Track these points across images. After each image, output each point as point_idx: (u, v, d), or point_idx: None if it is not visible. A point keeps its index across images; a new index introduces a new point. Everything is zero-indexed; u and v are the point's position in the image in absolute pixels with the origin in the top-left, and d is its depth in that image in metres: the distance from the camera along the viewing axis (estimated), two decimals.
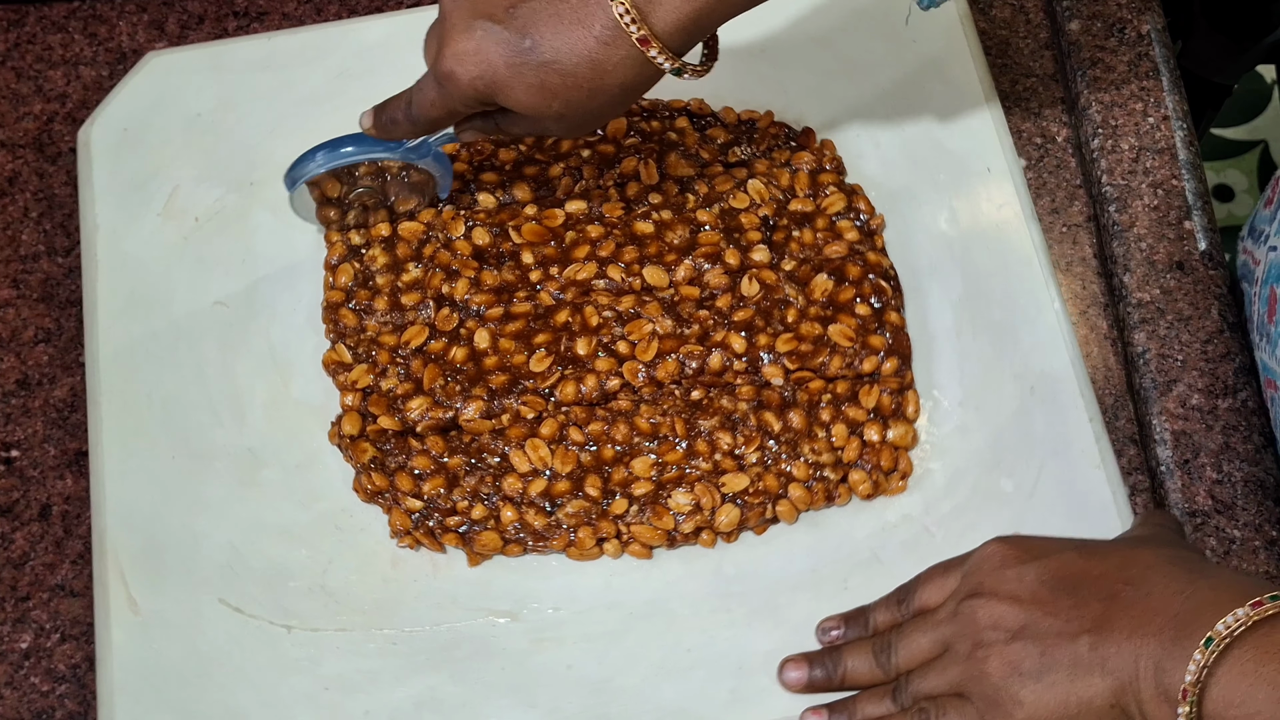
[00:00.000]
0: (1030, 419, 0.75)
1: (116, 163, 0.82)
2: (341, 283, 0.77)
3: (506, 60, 0.63)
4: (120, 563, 0.72)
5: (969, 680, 0.61)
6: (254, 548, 0.73)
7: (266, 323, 0.78)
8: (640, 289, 0.76)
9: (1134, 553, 0.61)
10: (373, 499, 0.73)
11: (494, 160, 0.80)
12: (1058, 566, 0.61)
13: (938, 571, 0.67)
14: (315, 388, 0.77)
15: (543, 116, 0.66)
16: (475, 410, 0.73)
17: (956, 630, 0.62)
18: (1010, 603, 0.61)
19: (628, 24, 0.62)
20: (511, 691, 0.70)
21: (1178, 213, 0.78)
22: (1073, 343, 0.76)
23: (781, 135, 0.81)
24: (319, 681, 0.70)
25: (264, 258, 0.80)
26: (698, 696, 0.69)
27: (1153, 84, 0.82)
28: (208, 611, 0.72)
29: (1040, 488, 0.73)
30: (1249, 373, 0.75)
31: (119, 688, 0.70)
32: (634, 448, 0.72)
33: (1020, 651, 0.59)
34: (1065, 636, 0.59)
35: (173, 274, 0.80)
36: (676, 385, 0.74)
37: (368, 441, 0.73)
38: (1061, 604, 0.60)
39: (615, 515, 0.71)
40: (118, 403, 0.76)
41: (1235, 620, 0.54)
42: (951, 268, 0.79)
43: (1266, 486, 0.73)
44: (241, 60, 0.85)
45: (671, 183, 0.79)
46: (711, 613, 0.71)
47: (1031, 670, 0.59)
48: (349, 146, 0.73)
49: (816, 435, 0.73)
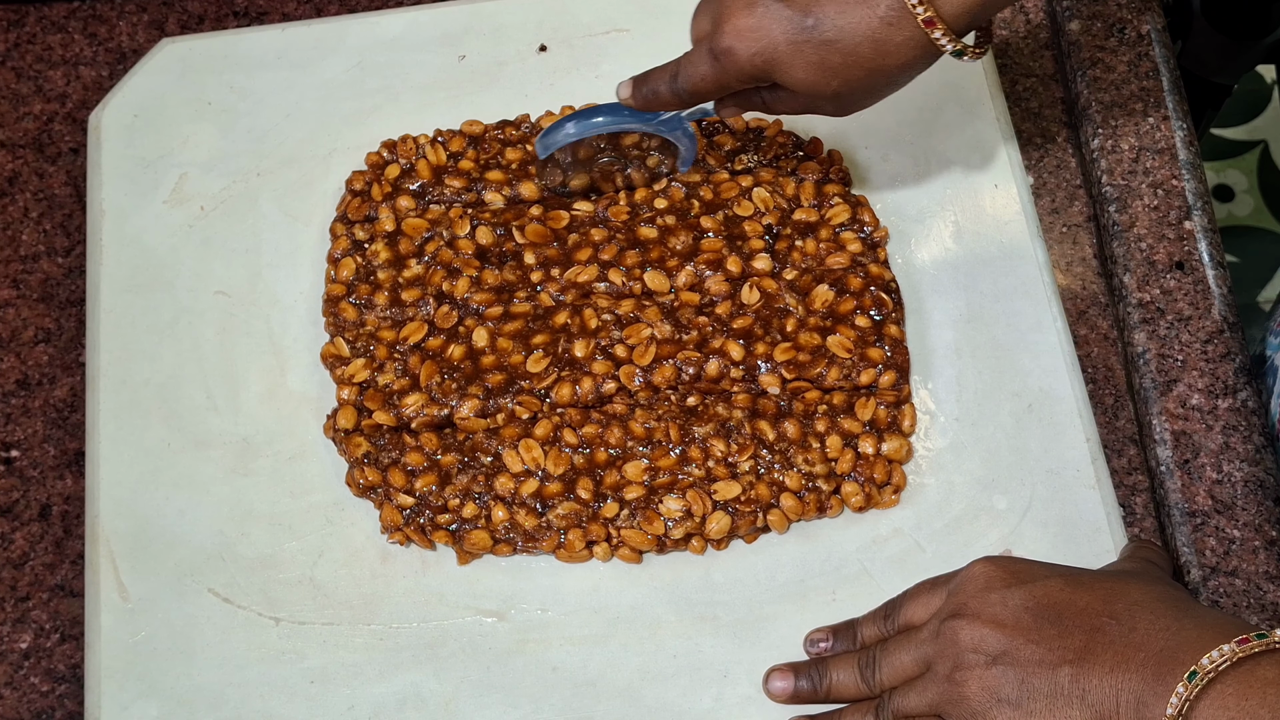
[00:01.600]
0: (1026, 438, 0.74)
1: (126, 147, 0.83)
2: (343, 276, 0.77)
3: (788, 38, 0.64)
4: (111, 548, 0.73)
5: (947, 702, 0.61)
6: (245, 537, 0.73)
7: (267, 313, 0.79)
8: (640, 293, 0.76)
9: (1121, 586, 0.61)
10: (365, 493, 0.73)
11: (501, 159, 0.80)
12: (1043, 594, 0.61)
13: (924, 588, 0.67)
14: (312, 380, 0.77)
15: (819, 95, 0.66)
16: (470, 409, 0.73)
17: (938, 650, 0.62)
18: (993, 626, 0.60)
19: (914, 4, 0.62)
20: (495, 690, 0.70)
21: (1178, 213, 0.78)
22: (1073, 363, 0.76)
23: (789, 144, 0.80)
24: (304, 674, 0.70)
25: (267, 248, 0.80)
26: (681, 702, 0.69)
27: (1153, 84, 0.81)
28: (196, 600, 0.72)
29: (1034, 507, 0.73)
30: (1249, 373, 0.74)
31: (107, 673, 0.70)
32: (627, 452, 0.72)
33: (1000, 677, 0.59)
34: (1046, 665, 0.58)
35: (176, 261, 0.80)
36: (673, 391, 0.74)
37: (362, 436, 0.74)
38: (1045, 633, 0.59)
39: (606, 518, 0.71)
40: (116, 386, 0.77)
41: (1220, 655, 0.54)
42: (954, 283, 0.78)
43: (1266, 486, 0.72)
44: (255, 50, 0.85)
45: (677, 188, 0.79)
46: (698, 620, 0.71)
47: (1010, 697, 0.59)
48: (601, 116, 0.74)
49: (811, 445, 0.72)
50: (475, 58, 0.85)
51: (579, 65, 0.85)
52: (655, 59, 0.84)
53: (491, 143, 0.81)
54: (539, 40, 0.85)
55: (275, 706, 0.70)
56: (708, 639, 0.71)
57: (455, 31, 0.86)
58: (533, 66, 0.85)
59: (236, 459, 0.75)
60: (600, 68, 0.85)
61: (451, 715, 0.69)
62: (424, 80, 0.84)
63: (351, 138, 0.83)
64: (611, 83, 0.83)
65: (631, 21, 0.86)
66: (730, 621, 0.71)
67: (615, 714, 0.69)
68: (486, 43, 0.85)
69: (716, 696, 0.69)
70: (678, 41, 0.84)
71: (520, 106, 0.83)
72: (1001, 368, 0.76)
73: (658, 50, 0.84)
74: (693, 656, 0.70)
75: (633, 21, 0.86)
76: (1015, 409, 0.75)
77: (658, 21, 0.85)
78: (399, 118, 0.83)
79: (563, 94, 0.84)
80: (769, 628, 0.71)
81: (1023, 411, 0.75)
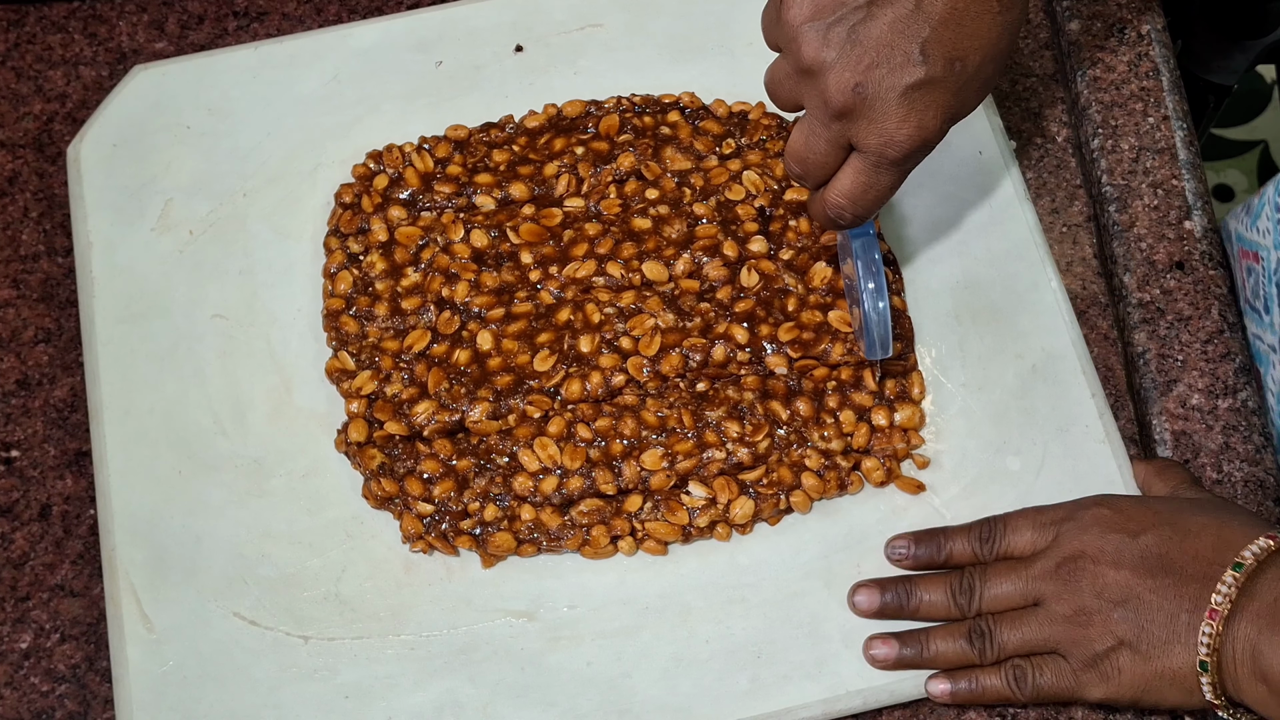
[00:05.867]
0: (1033, 397, 0.75)
1: (107, 178, 0.82)
2: (341, 290, 0.77)
3: None
4: (131, 579, 0.72)
5: (1068, 641, 0.64)
6: (265, 558, 0.73)
7: (266, 332, 0.78)
8: (640, 284, 0.76)
9: (1224, 534, 0.64)
10: (383, 505, 0.73)
11: (488, 161, 0.80)
12: (1157, 543, 0.64)
13: (1029, 519, 0.69)
14: (319, 395, 0.76)
15: None
16: (481, 412, 0.73)
17: (1056, 589, 0.65)
18: (1115, 571, 0.64)
19: None
20: (530, 691, 0.70)
21: (1178, 213, 0.79)
22: (1072, 320, 0.77)
23: (774, 126, 0.81)
24: (338, 690, 0.70)
25: (261, 267, 0.80)
26: (716, 687, 0.69)
27: (1153, 84, 0.82)
28: (222, 625, 0.71)
29: (1046, 466, 0.74)
30: (1249, 373, 0.75)
31: (138, 706, 0.70)
32: (643, 441, 0.72)
33: (1123, 621, 0.63)
34: (1165, 612, 0.62)
35: (170, 287, 0.79)
36: (681, 378, 0.74)
37: (375, 448, 0.73)
38: (1163, 581, 0.63)
39: (629, 513, 0.71)
40: (120, 417, 0.76)
41: None
42: (948, 251, 0.79)
43: (1266, 486, 0.73)
44: (230, 71, 0.85)
45: (668, 177, 0.79)
46: (726, 604, 0.71)
47: (1131, 640, 0.63)
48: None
49: (825, 422, 0.73)
50: (452, 63, 0.85)
51: (556, 63, 0.85)
52: (632, 52, 0.84)
53: (477, 146, 0.81)
54: (514, 41, 0.85)
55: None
56: (738, 621, 0.71)
57: (430, 38, 0.85)
58: (510, 67, 0.85)
59: (249, 481, 0.74)
60: (578, 64, 0.85)
61: (489, 719, 0.69)
62: (403, 89, 0.84)
63: (335, 151, 0.82)
64: (591, 79, 0.84)
65: (605, 16, 0.86)
66: (759, 602, 0.71)
67: (652, 704, 0.69)
68: (462, 47, 0.85)
69: (753, 678, 0.70)
70: (652, 34, 0.85)
71: (502, 108, 0.83)
72: (1002, 330, 0.77)
73: (634, 44, 0.85)
74: (725, 640, 0.71)
75: (607, 16, 0.86)
76: (1020, 370, 0.76)
77: (632, 15, 0.86)
78: (381, 128, 0.83)
79: (543, 93, 0.84)
80: (798, 605, 0.71)
81: (1027, 372, 0.76)
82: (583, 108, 0.81)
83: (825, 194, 0.64)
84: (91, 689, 0.72)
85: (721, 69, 0.83)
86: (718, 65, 0.84)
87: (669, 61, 0.84)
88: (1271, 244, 0.73)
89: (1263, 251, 0.74)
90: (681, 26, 0.85)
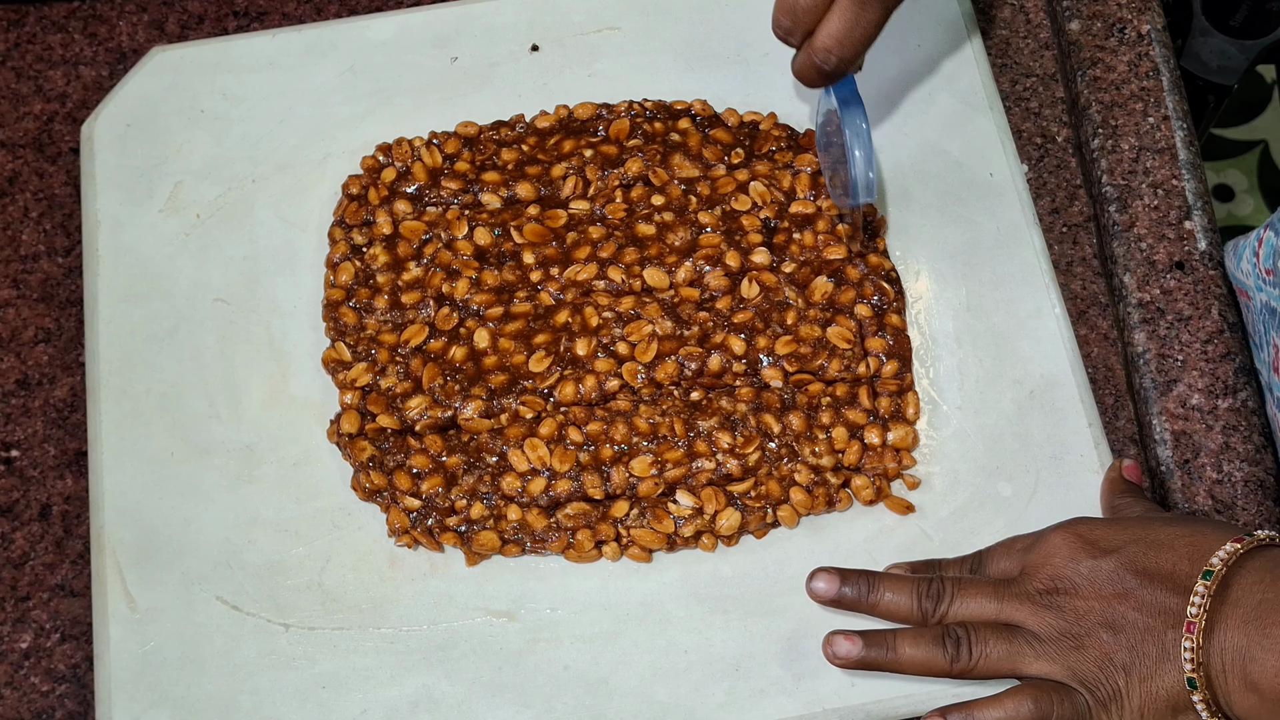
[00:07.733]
0: (1029, 424, 0.75)
1: (119, 158, 0.82)
2: (342, 280, 0.77)
3: None
4: (118, 559, 0.73)
5: (1071, 665, 0.63)
6: (251, 545, 0.73)
7: (267, 319, 0.78)
8: (640, 290, 0.76)
9: (1196, 541, 0.63)
10: (371, 497, 0.73)
11: (496, 160, 0.80)
12: (1130, 561, 0.63)
13: (1004, 549, 0.68)
14: (314, 385, 0.77)
15: None
16: (474, 410, 0.73)
17: (1034, 614, 0.64)
18: (1098, 598, 0.63)
19: None
20: (506, 690, 0.70)
21: (1178, 213, 0.78)
22: (1073, 348, 0.76)
23: (784, 137, 0.81)
24: (315, 679, 0.70)
25: (265, 254, 0.80)
26: (692, 698, 0.69)
27: (1153, 84, 0.81)
28: (204, 608, 0.72)
29: (1039, 493, 0.73)
30: (1249, 373, 0.75)
31: (117, 684, 0.70)
32: (633, 447, 0.72)
33: (1113, 644, 0.62)
34: (1153, 631, 0.61)
35: (174, 269, 0.80)
36: (675, 387, 0.74)
37: (366, 440, 0.74)
38: (1143, 598, 0.62)
39: (615, 518, 0.71)
40: (117, 397, 0.76)
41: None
42: (953, 272, 0.79)
43: (1266, 486, 0.73)
44: (247, 57, 0.85)
45: (675, 184, 0.79)
46: (708, 615, 0.71)
47: (1123, 662, 0.62)
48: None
49: (816, 438, 0.73)
50: (467, 59, 0.85)
51: (571, 64, 0.85)
52: (647, 57, 0.84)
53: (487, 144, 0.81)
54: (531, 40, 0.85)
55: (287, 713, 0.69)
56: (718, 633, 0.71)
57: (446, 33, 0.85)
58: (525, 67, 0.85)
59: (241, 466, 0.75)
60: (593, 66, 0.85)
61: (464, 717, 0.69)
62: (417, 83, 0.84)
63: (346, 142, 0.83)
64: (604, 82, 0.84)
65: (623, 20, 0.86)
66: (740, 615, 0.71)
67: (627, 711, 0.69)
68: (478, 44, 0.85)
69: (729, 691, 0.69)
70: (668, 40, 0.85)
71: (514, 107, 0.83)
72: (1002, 355, 0.76)
73: (649, 49, 0.85)
74: (704, 651, 0.70)
75: (624, 20, 0.86)
76: (1017, 396, 0.75)
77: (649, 20, 0.85)
78: (393, 121, 0.83)
79: (556, 93, 0.84)
80: (779, 620, 0.71)
81: (1025, 398, 0.75)
82: (594, 110, 0.81)
83: (812, 42, 0.66)
84: (91, 689, 0.72)
85: (735, 78, 0.83)
86: (732, 74, 0.84)
87: (683, 68, 0.84)
88: (1253, 286, 0.73)
89: (1251, 291, 0.73)
90: (698, 34, 0.85)
